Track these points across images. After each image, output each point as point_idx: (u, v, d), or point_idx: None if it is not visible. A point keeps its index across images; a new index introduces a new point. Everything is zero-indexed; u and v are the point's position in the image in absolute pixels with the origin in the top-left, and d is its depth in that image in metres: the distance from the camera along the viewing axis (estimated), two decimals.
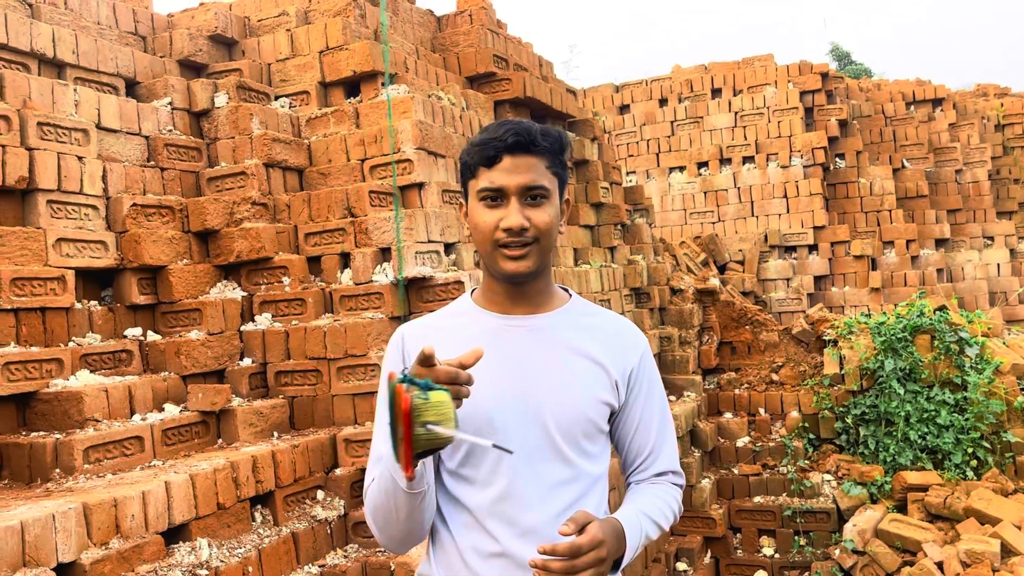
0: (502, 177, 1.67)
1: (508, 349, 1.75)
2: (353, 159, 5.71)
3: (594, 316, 1.86)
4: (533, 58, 8.05)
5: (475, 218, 1.72)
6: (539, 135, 1.69)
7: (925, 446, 6.90)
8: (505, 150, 1.67)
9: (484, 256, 1.74)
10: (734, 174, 12.42)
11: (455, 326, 1.81)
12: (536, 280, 1.77)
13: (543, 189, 1.69)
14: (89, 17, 5.74)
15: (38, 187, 4.50)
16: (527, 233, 1.67)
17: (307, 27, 6.23)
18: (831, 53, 24.71)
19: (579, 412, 1.73)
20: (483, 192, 1.69)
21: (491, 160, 1.68)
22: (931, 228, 12.31)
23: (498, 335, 1.76)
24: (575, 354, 1.77)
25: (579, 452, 1.74)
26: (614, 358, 1.80)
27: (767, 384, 8.06)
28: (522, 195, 1.67)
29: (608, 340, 1.81)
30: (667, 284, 8.43)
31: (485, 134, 1.72)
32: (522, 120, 1.74)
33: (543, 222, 1.68)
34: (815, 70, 12.69)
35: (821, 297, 11.77)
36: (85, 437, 3.89)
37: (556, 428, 1.71)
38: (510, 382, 1.72)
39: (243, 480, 4.07)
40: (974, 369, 6.99)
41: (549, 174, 1.71)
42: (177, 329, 5.02)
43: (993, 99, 14.83)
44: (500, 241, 1.68)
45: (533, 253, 1.69)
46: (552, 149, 1.72)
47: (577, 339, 1.78)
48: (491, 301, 1.81)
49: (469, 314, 1.83)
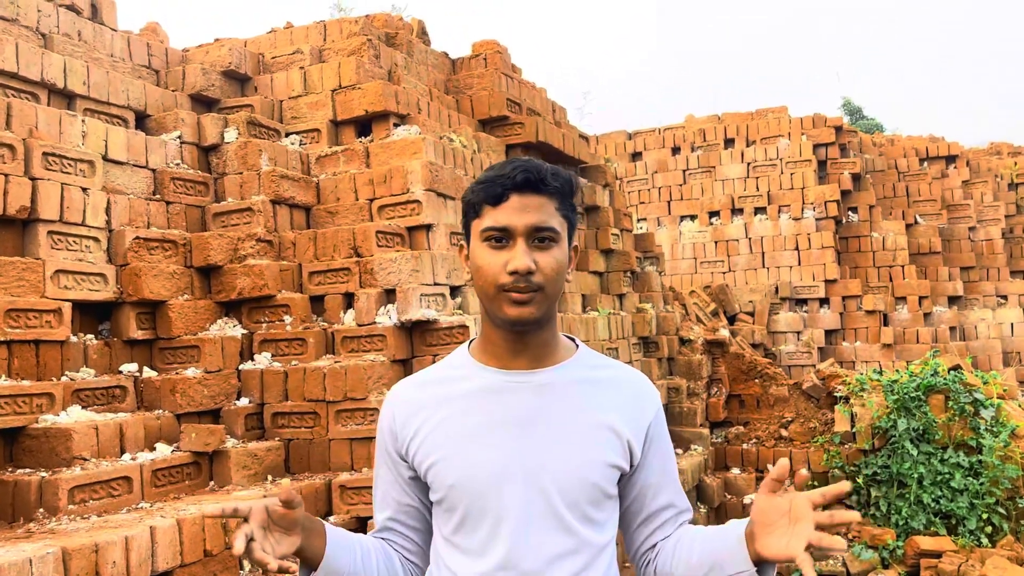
0: (509, 216, 1.54)
1: (508, 409, 1.61)
2: (362, 198, 5.64)
3: (604, 369, 1.71)
4: (546, 103, 8.03)
5: (477, 260, 1.58)
6: (549, 175, 1.57)
7: (939, 510, 6.69)
8: (513, 188, 1.55)
9: (485, 301, 1.60)
10: (745, 224, 12.34)
11: (450, 384, 1.67)
12: (541, 330, 1.62)
13: (552, 231, 1.56)
14: (103, 49, 5.73)
15: (39, 217, 4.43)
16: (533, 277, 1.53)
17: (320, 65, 6.22)
18: (843, 107, 24.84)
19: (584, 478, 1.58)
20: (488, 232, 1.56)
21: (498, 198, 1.55)
22: (944, 285, 12.17)
23: (498, 394, 1.62)
24: (582, 413, 1.62)
25: (584, 520, 1.59)
26: (627, 416, 1.65)
27: (776, 440, 7.88)
28: (530, 236, 1.54)
29: (620, 396, 1.67)
30: (676, 334, 8.30)
31: (491, 171, 1.60)
32: (531, 159, 1.61)
33: (550, 267, 1.55)
34: (829, 123, 12.68)
35: (832, 352, 11.60)
36: (71, 476, 3.76)
37: (559, 496, 1.57)
38: (508, 446, 1.58)
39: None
40: (989, 432, 6.81)
41: (559, 216, 1.58)
42: (174, 366, 4.91)
43: (1006, 157, 14.79)
44: (504, 285, 1.53)
45: (538, 300, 1.55)
46: (562, 190, 1.59)
47: (585, 396, 1.64)
48: (490, 354, 1.66)
49: (466, 369, 1.68)
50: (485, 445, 1.58)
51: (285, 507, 1.46)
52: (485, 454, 1.57)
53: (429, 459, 1.60)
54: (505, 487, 1.57)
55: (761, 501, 1.51)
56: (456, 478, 1.57)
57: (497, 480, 1.57)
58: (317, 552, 1.54)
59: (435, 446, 1.60)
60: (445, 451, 1.59)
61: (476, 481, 1.57)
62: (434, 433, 1.61)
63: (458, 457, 1.58)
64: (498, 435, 1.58)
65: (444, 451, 1.59)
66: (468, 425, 1.60)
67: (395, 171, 5.53)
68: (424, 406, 1.65)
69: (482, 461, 1.57)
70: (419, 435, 1.63)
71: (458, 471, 1.57)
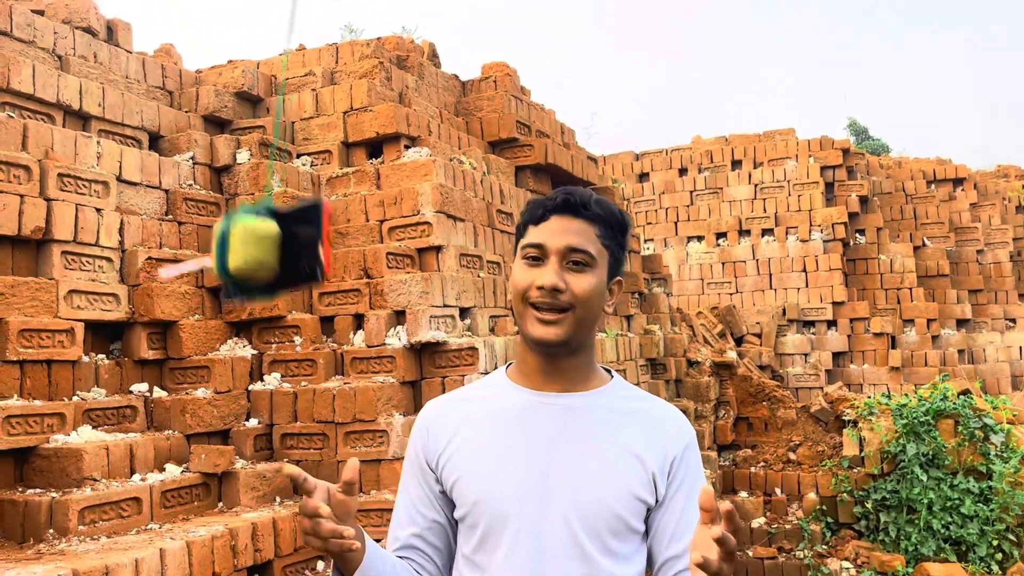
0: (544, 235, 1.57)
1: (535, 429, 1.60)
2: (372, 220, 5.67)
3: (636, 401, 1.67)
4: (555, 125, 8.07)
5: (514, 276, 1.62)
6: (592, 201, 1.60)
7: (949, 536, 6.65)
8: (553, 209, 1.59)
9: (516, 317, 1.62)
10: (753, 246, 12.35)
11: (482, 400, 1.68)
12: (573, 355, 1.62)
13: (586, 254, 1.56)
14: (118, 71, 5.79)
15: (54, 238, 4.46)
16: (561, 296, 1.53)
17: (332, 87, 6.27)
18: (849, 128, 24.88)
19: (606, 507, 1.54)
20: (526, 249, 1.60)
21: (539, 218, 1.60)
22: (952, 308, 12.15)
23: (526, 413, 1.62)
24: (609, 441, 1.59)
25: (604, 551, 1.54)
26: (654, 449, 1.60)
27: (784, 463, 7.84)
28: (563, 257, 1.56)
29: (648, 428, 1.62)
30: (684, 355, 8.29)
31: (541, 197, 1.65)
32: (584, 188, 1.65)
33: (581, 289, 1.55)
34: (836, 145, 12.71)
35: (839, 374, 11.56)
36: (81, 497, 3.77)
37: (579, 522, 1.54)
38: (533, 466, 1.57)
39: (241, 548, 3.92)
40: (999, 457, 6.78)
41: (598, 243, 1.59)
42: (184, 386, 4.92)
43: (1014, 180, 14.80)
44: (531, 299, 1.55)
45: (567, 322, 1.55)
46: (605, 219, 1.60)
47: (613, 424, 1.61)
48: (523, 375, 1.66)
49: (501, 388, 1.68)
50: (506, 465, 1.57)
51: (345, 491, 1.46)
52: (509, 472, 1.57)
53: (455, 474, 1.60)
54: (523, 509, 1.55)
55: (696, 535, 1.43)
56: (479, 494, 1.57)
57: (515, 501, 1.55)
58: (356, 555, 1.50)
59: (462, 460, 1.60)
60: (471, 467, 1.59)
61: (498, 499, 1.56)
62: (463, 448, 1.61)
63: (482, 474, 1.58)
64: (523, 454, 1.58)
65: (470, 467, 1.59)
66: (495, 443, 1.60)
67: (405, 193, 5.56)
68: (456, 422, 1.65)
69: (505, 479, 1.56)
70: (448, 449, 1.63)
71: (481, 488, 1.57)
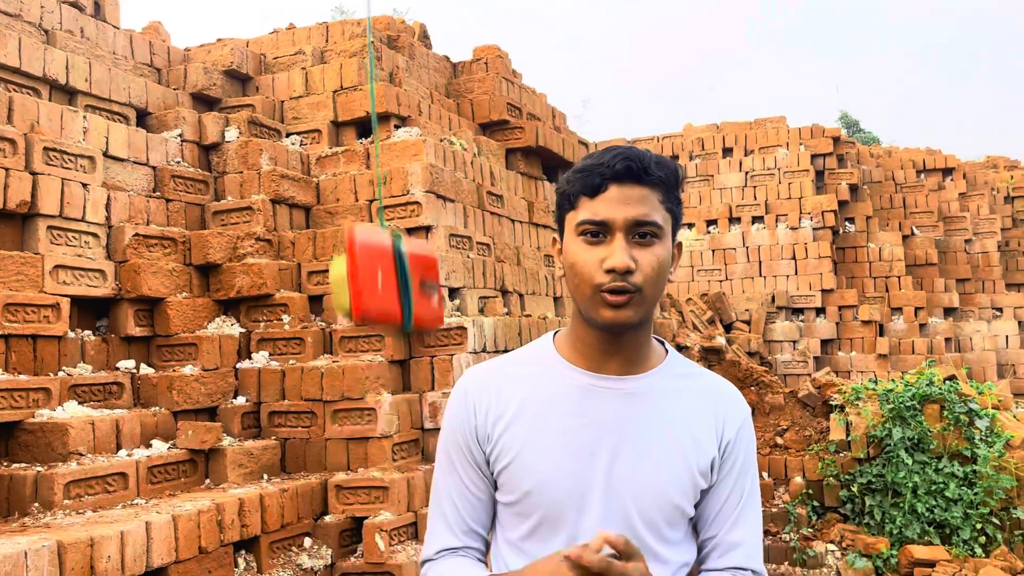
0: (607, 209, 1.40)
1: (596, 415, 1.48)
2: (361, 199, 5.65)
3: (695, 379, 1.58)
4: (547, 108, 8.05)
5: (571, 256, 1.44)
6: (653, 163, 1.43)
7: (933, 519, 6.69)
8: (612, 177, 1.41)
9: (580, 301, 1.46)
10: (743, 233, 12.37)
11: (534, 378, 1.54)
12: (636, 333, 1.48)
13: (655, 226, 1.41)
14: (105, 47, 5.74)
15: (39, 212, 4.43)
16: (632, 277, 1.39)
17: (322, 67, 6.23)
18: (841, 120, 24.92)
19: (666, 498, 1.47)
20: (584, 225, 1.42)
21: (596, 189, 1.41)
22: (940, 296, 12.21)
23: (586, 397, 1.49)
24: (670, 428, 1.50)
25: (660, 540, 1.49)
26: (714, 431, 1.53)
27: (771, 448, 7.87)
28: (630, 231, 1.40)
29: (709, 409, 1.54)
30: (673, 340, 8.31)
31: (590, 159, 1.46)
32: (633, 146, 1.47)
33: (651, 266, 1.40)
34: (827, 134, 12.73)
35: (827, 361, 11.62)
36: (67, 471, 3.75)
37: (638, 515, 1.46)
38: (592, 456, 1.46)
39: (228, 524, 3.91)
40: (984, 442, 6.82)
41: (663, 210, 1.44)
42: (171, 363, 4.90)
43: (1003, 171, 14.86)
44: (602, 284, 1.39)
45: (637, 302, 1.41)
46: (667, 181, 1.44)
47: (675, 408, 1.51)
48: (579, 353, 1.52)
49: (550, 365, 1.54)
50: (564, 452, 1.46)
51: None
52: (564, 462, 1.46)
53: (506, 458, 1.49)
54: (586, 501, 1.46)
55: None
56: (532, 484, 1.46)
57: (578, 492, 1.46)
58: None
59: (513, 444, 1.48)
60: (523, 453, 1.48)
61: (553, 491, 1.46)
62: (513, 430, 1.49)
63: (536, 461, 1.47)
64: (582, 443, 1.47)
65: (522, 452, 1.48)
66: (549, 427, 1.48)
67: (395, 172, 5.54)
68: (505, 397, 1.52)
69: (560, 470, 1.45)
70: (498, 428, 1.50)
71: (534, 478, 1.46)
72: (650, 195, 1.42)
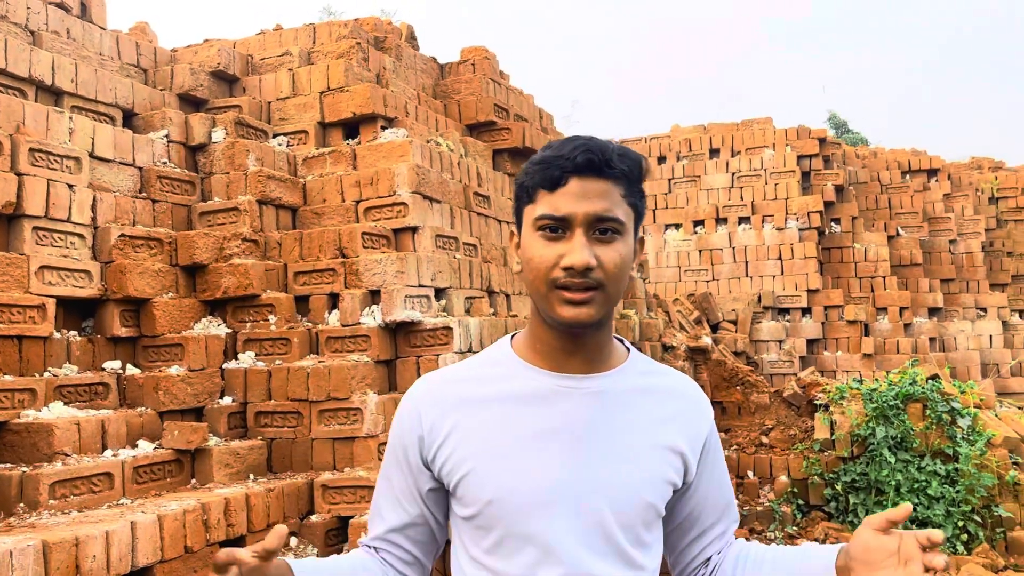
0: (567, 203, 1.34)
1: (559, 418, 1.42)
2: (348, 200, 5.67)
3: (659, 376, 1.53)
4: (534, 109, 8.09)
5: (529, 251, 1.39)
6: (616, 155, 1.36)
7: (915, 517, 6.76)
8: (573, 171, 1.35)
9: (536, 298, 1.41)
10: (729, 234, 12.44)
11: (491, 383, 1.47)
12: (597, 332, 1.43)
13: (617, 222, 1.36)
14: (92, 48, 5.74)
15: (25, 213, 4.43)
16: (592, 274, 1.33)
17: (309, 67, 6.25)
18: (829, 121, 25.04)
19: (641, 499, 1.42)
20: (542, 220, 1.36)
21: (555, 182, 1.35)
22: (924, 296, 12.31)
23: (548, 399, 1.43)
24: (639, 426, 1.45)
25: (636, 544, 1.44)
26: (684, 428, 1.50)
27: (756, 447, 7.93)
28: (590, 227, 1.35)
29: (676, 408, 1.51)
30: (659, 340, 8.36)
31: (549, 151, 1.40)
32: (595, 137, 1.41)
33: (613, 263, 1.35)
34: (813, 135, 12.81)
35: (813, 360, 11.70)
36: (52, 472, 3.76)
37: (614, 518, 1.40)
38: (560, 459, 1.40)
39: (214, 523, 3.93)
40: (966, 440, 6.90)
41: (625, 204, 1.38)
42: (158, 364, 4.91)
43: (987, 172, 14.98)
44: (558, 281, 1.34)
45: (597, 300, 1.35)
46: (631, 174, 1.38)
47: (641, 407, 1.47)
48: (539, 353, 1.46)
49: (509, 368, 1.48)
50: (529, 457, 1.40)
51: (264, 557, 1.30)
52: (529, 467, 1.39)
53: (462, 469, 1.41)
54: (553, 507, 1.39)
55: (868, 538, 1.36)
56: (494, 493, 1.39)
57: (543, 499, 1.39)
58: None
59: (469, 455, 1.41)
60: (481, 462, 1.41)
61: (518, 498, 1.39)
62: (469, 440, 1.42)
63: (498, 469, 1.40)
64: (546, 446, 1.41)
65: (480, 462, 1.41)
66: (510, 433, 1.41)
67: (382, 173, 5.56)
68: (457, 407, 1.45)
69: (526, 476, 1.39)
70: (450, 441, 1.43)
71: (497, 486, 1.39)
72: (612, 189, 1.36)
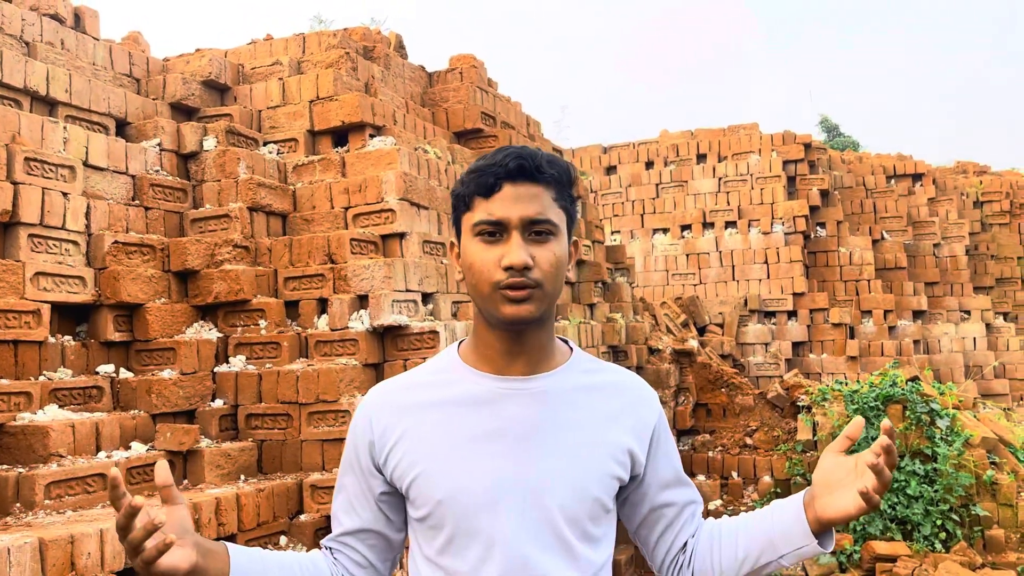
0: (502, 208, 1.42)
1: (504, 419, 1.48)
2: (337, 207, 5.79)
3: (601, 374, 1.59)
4: (521, 117, 8.22)
5: (469, 256, 1.45)
6: (545, 162, 1.45)
7: (895, 516, 6.91)
8: (506, 177, 1.42)
9: (479, 301, 1.47)
10: (716, 238, 12.60)
11: (438, 388, 1.53)
12: (539, 331, 1.50)
13: (550, 224, 1.44)
14: (85, 58, 5.85)
15: (20, 220, 4.54)
16: (530, 274, 1.40)
17: (299, 77, 6.37)
18: (820, 125, 25.21)
19: (587, 494, 1.48)
20: (480, 226, 1.43)
21: (490, 189, 1.43)
22: (909, 299, 12.48)
23: (492, 402, 1.49)
24: (582, 423, 1.51)
25: (583, 538, 1.49)
26: (630, 422, 1.55)
27: (741, 448, 8.07)
28: (525, 229, 1.42)
29: (620, 403, 1.56)
30: (645, 343, 8.49)
31: (482, 160, 1.47)
32: (525, 146, 1.48)
33: (549, 262, 1.43)
34: (798, 140, 12.98)
35: (799, 363, 11.85)
36: (47, 472, 3.87)
37: (561, 514, 1.46)
38: (505, 459, 1.46)
39: (205, 522, 4.04)
40: (944, 441, 7.04)
41: (556, 207, 1.46)
42: (150, 367, 5.02)
43: (972, 176, 15.17)
44: (500, 282, 1.41)
45: (536, 297, 1.42)
46: (560, 179, 1.47)
47: (583, 404, 1.53)
48: (482, 358, 1.53)
49: (456, 373, 1.54)
50: (478, 457, 1.46)
51: (166, 498, 1.34)
52: (478, 467, 1.46)
53: (412, 471, 1.48)
54: (501, 504, 1.45)
55: (828, 460, 1.49)
56: (445, 493, 1.45)
57: (492, 496, 1.45)
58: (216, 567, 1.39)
59: (420, 457, 1.48)
60: (431, 463, 1.47)
61: (468, 496, 1.45)
62: (419, 443, 1.48)
63: (447, 470, 1.46)
64: (492, 446, 1.47)
65: (430, 463, 1.47)
66: (458, 435, 1.48)
67: (370, 181, 5.69)
68: (407, 412, 1.52)
69: (475, 475, 1.45)
70: (401, 445, 1.49)
71: (447, 486, 1.45)
72: (543, 193, 1.44)
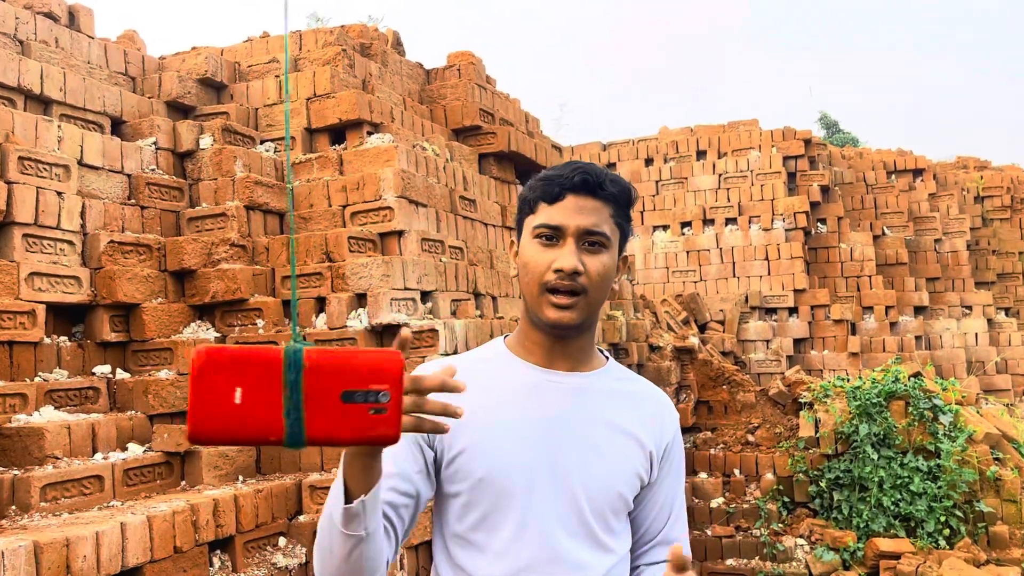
0: (562, 215, 1.54)
1: (545, 407, 1.59)
2: (335, 205, 5.74)
3: (632, 383, 1.72)
4: (520, 114, 8.17)
5: (526, 256, 1.58)
6: (608, 180, 1.57)
7: (898, 513, 6.87)
8: (570, 188, 1.55)
9: (528, 299, 1.59)
10: (716, 235, 12.55)
11: (487, 373, 1.63)
12: (579, 335, 1.62)
13: (603, 236, 1.56)
14: (80, 56, 5.81)
15: (14, 220, 4.50)
16: (579, 279, 1.52)
17: (296, 74, 6.32)
18: (820, 121, 25.15)
19: (612, 487, 1.59)
20: (539, 229, 1.56)
21: (554, 197, 1.56)
22: (910, 295, 12.43)
23: (537, 390, 1.60)
24: (614, 421, 1.62)
25: (606, 529, 1.59)
26: (651, 431, 1.66)
27: (743, 445, 8.03)
28: (580, 238, 1.54)
29: (647, 411, 1.67)
30: (646, 341, 8.44)
31: (552, 171, 1.61)
32: (593, 163, 1.61)
33: (597, 271, 1.54)
34: (798, 136, 12.93)
35: (800, 360, 11.80)
36: (43, 475, 3.83)
37: (587, 502, 1.56)
38: (543, 444, 1.56)
39: (203, 524, 3.99)
40: (947, 437, 7.00)
41: (612, 223, 1.58)
42: (147, 368, 4.98)
43: (973, 171, 15.12)
44: (549, 284, 1.53)
45: (580, 305, 1.54)
46: (619, 198, 1.59)
47: (616, 406, 1.64)
48: (528, 351, 1.64)
49: (503, 361, 1.66)
50: (519, 441, 1.55)
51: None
52: (518, 450, 1.54)
53: (457, 447, 1.55)
54: (537, 488, 1.54)
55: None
56: (486, 471, 1.53)
57: (528, 479, 1.54)
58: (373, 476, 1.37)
59: (465, 433, 1.54)
60: (476, 441, 1.55)
61: (507, 477, 1.54)
62: (466, 422, 1.48)
63: (490, 450, 1.54)
64: (533, 433, 1.56)
65: (474, 441, 1.55)
66: (503, 418, 1.57)
67: (368, 178, 5.64)
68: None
69: (514, 456, 1.54)
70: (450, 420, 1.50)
71: (489, 464, 1.54)
72: (602, 208, 1.56)
